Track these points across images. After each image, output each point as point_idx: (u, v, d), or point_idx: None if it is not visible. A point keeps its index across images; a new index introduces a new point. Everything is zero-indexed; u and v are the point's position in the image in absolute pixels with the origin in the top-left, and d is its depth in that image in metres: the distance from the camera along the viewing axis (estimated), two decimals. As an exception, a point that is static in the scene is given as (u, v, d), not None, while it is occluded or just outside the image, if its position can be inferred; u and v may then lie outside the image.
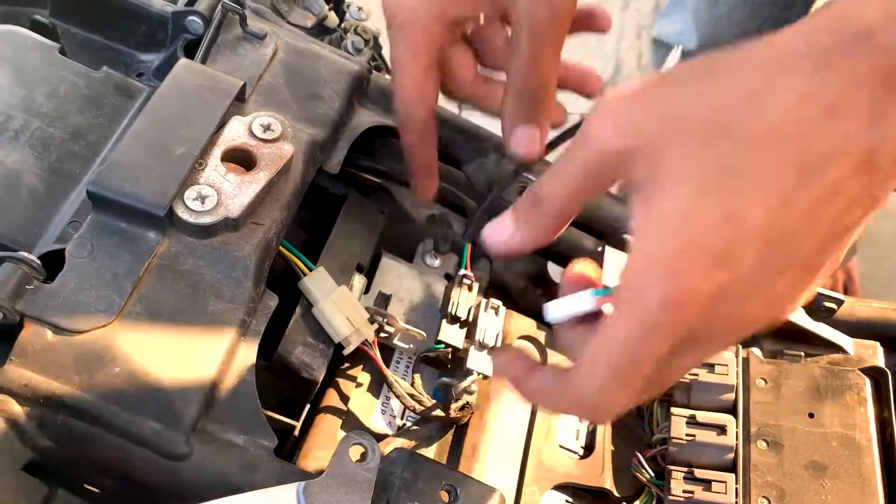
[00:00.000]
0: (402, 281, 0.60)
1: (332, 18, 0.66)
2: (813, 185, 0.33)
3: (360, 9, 0.70)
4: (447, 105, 0.59)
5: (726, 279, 0.34)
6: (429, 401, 0.54)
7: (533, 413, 0.57)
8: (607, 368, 0.36)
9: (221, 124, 0.50)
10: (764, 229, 0.33)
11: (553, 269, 0.74)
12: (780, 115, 0.33)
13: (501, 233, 0.41)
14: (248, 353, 0.46)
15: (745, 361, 0.60)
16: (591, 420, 0.50)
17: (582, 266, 0.42)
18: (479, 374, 0.56)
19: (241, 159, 0.49)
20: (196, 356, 0.44)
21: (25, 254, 0.43)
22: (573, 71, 0.55)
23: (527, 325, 0.62)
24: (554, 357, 0.60)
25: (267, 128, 0.50)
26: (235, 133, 0.50)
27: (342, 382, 0.55)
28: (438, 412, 0.54)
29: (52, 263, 0.45)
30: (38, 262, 0.44)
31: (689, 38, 1.29)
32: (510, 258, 0.47)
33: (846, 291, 1.44)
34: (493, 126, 0.59)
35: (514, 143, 0.51)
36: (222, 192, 0.47)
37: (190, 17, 0.56)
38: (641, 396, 0.38)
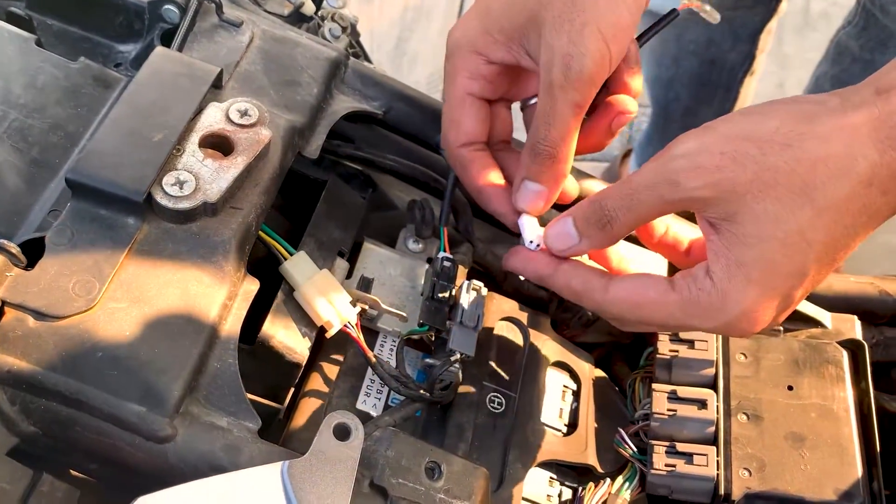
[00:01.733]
0: (384, 266, 0.60)
1: (309, 6, 0.66)
2: (855, 242, 0.44)
3: (337, -4, 0.70)
4: (427, 90, 0.59)
5: (781, 310, 0.46)
6: (413, 382, 0.54)
7: (517, 391, 0.58)
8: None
9: (199, 111, 0.50)
10: (819, 279, 0.45)
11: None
12: (850, 192, 0.42)
13: (565, 241, 0.49)
14: (229, 337, 0.47)
15: (725, 337, 0.60)
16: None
17: None
18: (461, 354, 0.56)
19: (219, 145, 0.50)
20: (177, 340, 0.44)
21: (5, 241, 0.44)
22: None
23: (509, 306, 0.62)
24: (538, 338, 0.61)
25: (244, 113, 0.50)
26: (213, 119, 0.50)
27: (326, 366, 0.56)
28: (423, 393, 0.54)
29: (33, 251, 0.45)
30: (18, 249, 0.44)
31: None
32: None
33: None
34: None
35: (519, 197, 0.53)
36: (200, 177, 0.48)
37: (166, 7, 0.57)
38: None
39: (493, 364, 0.59)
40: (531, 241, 0.53)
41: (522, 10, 0.50)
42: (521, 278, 0.69)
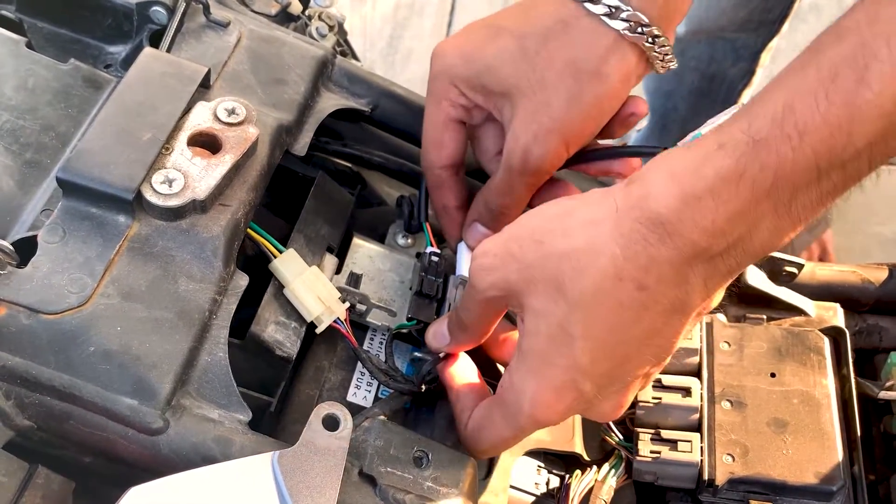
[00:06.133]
0: (373, 261, 0.61)
1: (296, 5, 0.67)
2: (629, 337, 0.43)
3: (324, -5, 0.71)
4: (421, 87, 0.60)
5: (573, 402, 0.45)
6: (401, 375, 0.55)
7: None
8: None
9: (187, 110, 0.51)
10: (594, 371, 0.44)
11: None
12: (597, 286, 0.42)
13: (440, 340, 0.54)
14: (219, 331, 0.48)
15: (709, 326, 0.61)
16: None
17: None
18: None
19: (207, 143, 0.51)
20: (168, 335, 0.45)
21: (-2, 240, 0.44)
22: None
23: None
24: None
25: (231, 112, 0.51)
26: (201, 118, 0.51)
27: (318, 360, 0.57)
28: (412, 386, 0.55)
29: (26, 250, 0.46)
30: (11, 247, 0.45)
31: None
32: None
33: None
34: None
35: (468, 234, 0.58)
36: (189, 175, 0.49)
37: (154, 8, 0.57)
38: None
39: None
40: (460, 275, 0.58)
41: (501, 83, 0.52)
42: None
